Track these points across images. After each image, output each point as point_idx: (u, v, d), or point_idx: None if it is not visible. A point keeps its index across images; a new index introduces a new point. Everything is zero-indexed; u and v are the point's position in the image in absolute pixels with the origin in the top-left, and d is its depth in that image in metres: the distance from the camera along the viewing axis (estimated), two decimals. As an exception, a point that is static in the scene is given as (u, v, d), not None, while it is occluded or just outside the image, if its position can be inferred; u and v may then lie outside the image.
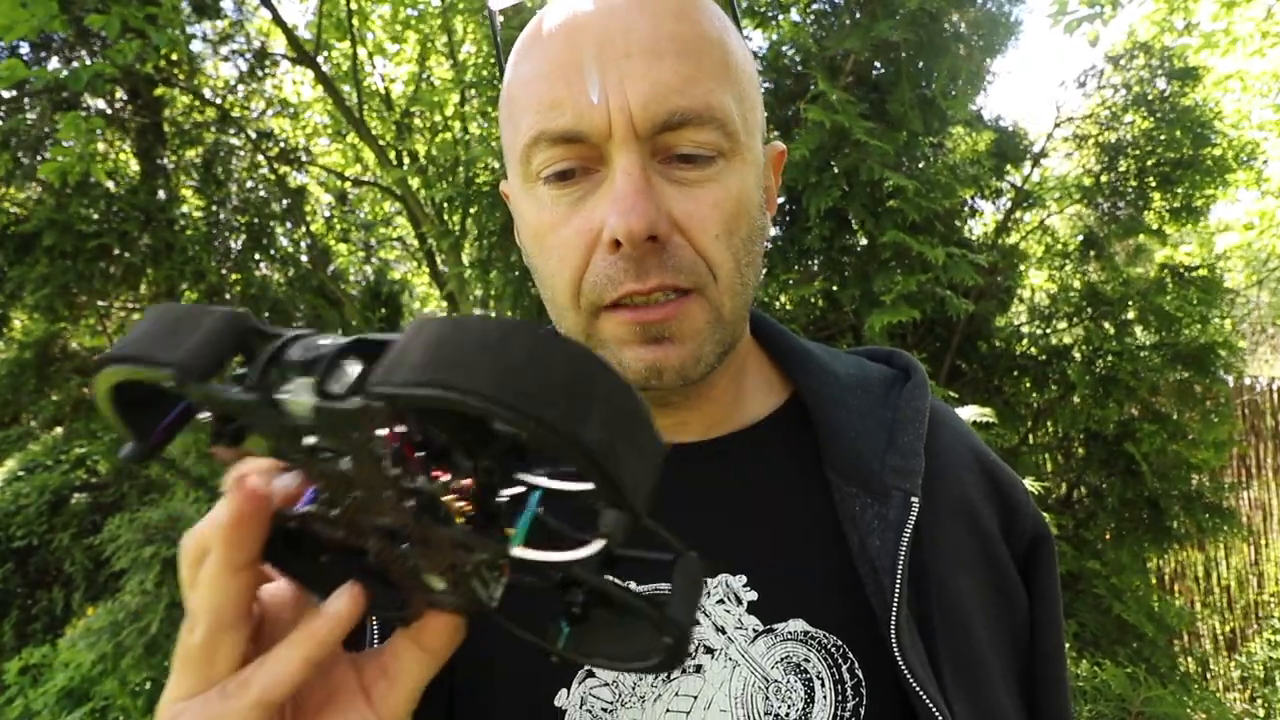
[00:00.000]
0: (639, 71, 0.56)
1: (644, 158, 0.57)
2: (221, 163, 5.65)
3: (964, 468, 0.71)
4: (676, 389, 0.61)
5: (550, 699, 0.59)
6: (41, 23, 2.80)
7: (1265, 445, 4.81)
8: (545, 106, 0.58)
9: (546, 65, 0.59)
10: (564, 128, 0.57)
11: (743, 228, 0.61)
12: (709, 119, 0.57)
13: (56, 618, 5.56)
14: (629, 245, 0.56)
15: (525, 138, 0.59)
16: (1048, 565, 0.72)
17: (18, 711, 4.56)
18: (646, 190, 0.56)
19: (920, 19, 2.82)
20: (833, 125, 2.67)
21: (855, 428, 0.68)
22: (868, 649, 0.61)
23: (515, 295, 3.56)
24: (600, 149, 0.57)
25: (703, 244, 0.58)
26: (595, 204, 0.58)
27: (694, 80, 0.57)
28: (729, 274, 0.60)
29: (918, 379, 0.73)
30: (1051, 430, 3.80)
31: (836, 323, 3.09)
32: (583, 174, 0.59)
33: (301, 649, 0.39)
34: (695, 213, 0.58)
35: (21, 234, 4.87)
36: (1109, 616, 3.20)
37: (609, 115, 0.56)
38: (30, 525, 5.68)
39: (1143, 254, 3.85)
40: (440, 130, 5.94)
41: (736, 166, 0.60)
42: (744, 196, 0.60)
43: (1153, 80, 3.52)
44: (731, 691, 0.60)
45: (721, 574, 0.63)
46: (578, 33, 0.58)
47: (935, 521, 0.66)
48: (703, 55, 0.59)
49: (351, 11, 5.43)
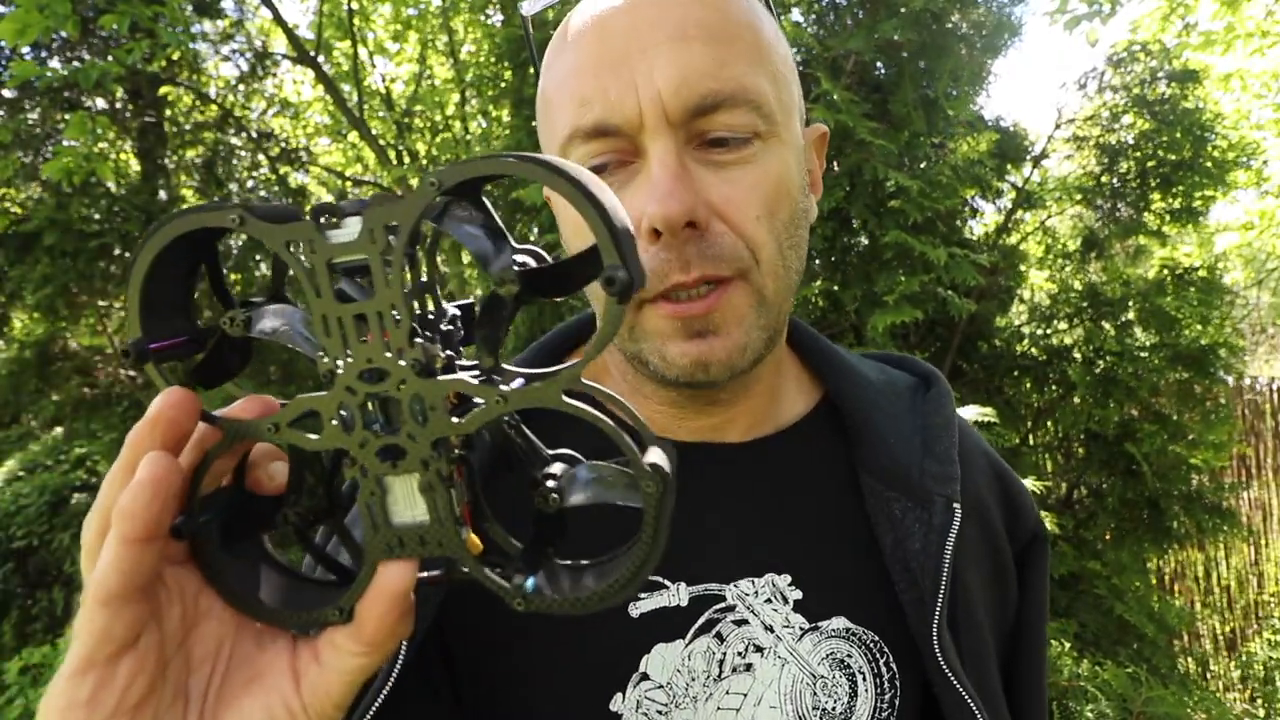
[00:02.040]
0: (667, 59, 0.56)
1: (678, 144, 0.57)
2: (222, 162, 5.66)
3: (979, 471, 0.73)
4: (724, 382, 0.61)
5: (606, 704, 0.59)
6: (57, 24, 2.81)
7: (1265, 445, 4.82)
8: (577, 103, 0.58)
9: (577, 63, 0.59)
10: (595, 121, 0.57)
11: (784, 209, 0.60)
12: (743, 100, 0.57)
13: (56, 618, 5.56)
14: (668, 232, 0.55)
15: (561, 136, 0.59)
16: (1041, 564, 0.74)
17: (18, 711, 4.56)
18: (683, 175, 0.56)
19: (923, 19, 2.83)
20: (836, 125, 2.67)
21: (892, 433, 0.69)
22: (900, 645, 0.64)
23: (517, 295, 3.56)
24: (634, 140, 0.57)
25: (743, 227, 0.58)
26: (632, 195, 0.57)
27: (724, 63, 0.57)
28: (771, 256, 0.59)
29: (942, 387, 0.74)
30: (1052, 430, 3.81)
31: (838, 323, 3.09)
32: (618, 167, 0.58)
33: (116, 528, 0.36)
34: (733, 196, 0.57)
35: (22, 234, 4.87)
36: (1110, 617, 3.21)
37: (640, 105, 0.56)
38: (30, 525, 5.68)
39: (1143, 255, 3.85)
40: (440, 130, 5.94)
41: (775, 147, 0.59)
42: (784, 177, 0.60)
43: (1153, 82, 3.52)
44: (781, 689, 0.61)
45: (768, 573, 0.64)
46: (606, 28, 0.58)
47: (964, 525, 0.67)
48: (733, 39, 0.58)
49: (352, 11, 5.43)
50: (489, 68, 4.21)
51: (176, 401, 0.38)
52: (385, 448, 0.37)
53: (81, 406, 5.87)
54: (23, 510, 5.73)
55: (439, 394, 0.37)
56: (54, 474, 5.95)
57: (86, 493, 5.89)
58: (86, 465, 6.07)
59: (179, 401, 0.38)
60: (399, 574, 0.38)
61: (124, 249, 5.19)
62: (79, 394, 5.84)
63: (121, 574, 0.36)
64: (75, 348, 6.09)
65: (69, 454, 6.07)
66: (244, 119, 5.79)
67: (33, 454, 6.20)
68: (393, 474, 0.38)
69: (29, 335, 5.91)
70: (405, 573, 0.38)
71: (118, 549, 0.36)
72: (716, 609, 0.61)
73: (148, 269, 0.38)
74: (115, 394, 5.88)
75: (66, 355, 6.01)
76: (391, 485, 0.38)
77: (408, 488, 0.38)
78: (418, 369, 0.36)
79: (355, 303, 0.36)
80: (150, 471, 0.36)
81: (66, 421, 6.05)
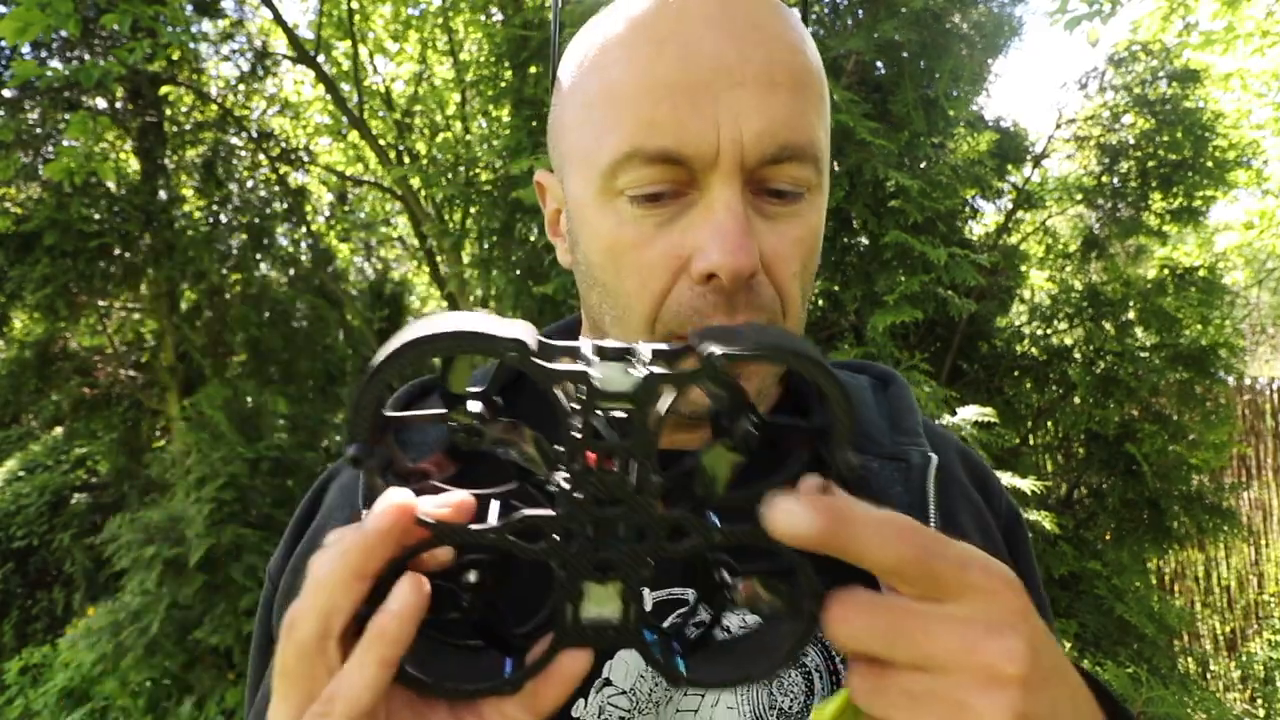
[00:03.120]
0: (754, 103, 0.54)
1: (744, 191, 0.56)
2: (222, 162, 5.65)
3: (946, 451, 0.74)
4: None
5: (568, 710, 0.59)
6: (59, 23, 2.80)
7: (1265, 445, 4.82)
8: (645, 123, 0.55)
9: (648, 79, 0.56)
10: (664, 148, 0.55)
11: (813, 263, 0.61)
12: (810, 156, 0.57)
13: (57, 618, 5.56)
14: (730, 284, 0.55)
15: (615, 152, 0.56)
16: (1026, 546, 0.75)
17: (18, 711, 4.56)
18: (749, 228, 0.55)
19: (923, 19, 2.83)
20: (836, 125, 2.67)
21: (860, 416, 0.70)
22: None
23: (516, 294, 3.56)
24: (697, 175, 0.56)
25: (782, 281, 0.58)
26: (685, 229, 0.56)
27: (802, 115, 0.56)
28: (797, 309, 0.60)
29: (901, 382, 0.77)
30: (1052, 430, 3.81)
31: (838, 323, 3.09)
32: (672, 197, 0.57)
33: (374, 650, 0.38)
34: (780, 250, 0.58)
35: (22, 234, 4.87)
36: (1110, 617, 3.21)
37: (718, 144, 0.54)
38: (30, 525, 5.68)
39: (1143, 255, 3.86)
40: (441, 130, 5.94)
41: (818, 200, 0.60)
42: (818, 232, 0.61)
43: (1153, 82, 3.52)
44: (738, 688, 0.61)
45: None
46: (688, 51, 0.55)
47: (951, 483, 0.69)
48: (809, 89, 0.58)
49: (352, 11, 5.43)
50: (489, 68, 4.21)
51: (405, 510, 0.39)
52: (600, 562, 0.41)
53: (81, 406, 5.87)
54: (23, 510, 5.74)
55: (663, 523, 0.40)
56: (54, 474, 5.95)
57: (87, 493, 5.90)
58: (86, 465, 6.08)
59: (407, 510, 0.39)
60: (582, 662, 0.42)
61: (124, 249, 5.19)
62: (79, 394, 5.84)
63: (375, 692, 0.38)
64: (75, 348, 6.09)
65: (69, 454, 6.08)
66: (244, 119, 5.79)
67: (33, 454, 6.21)
68: (597, 581, 0.41)
69: (29, 335, 5.90)
70: (587, 662, 0.42)
71: (377, 670, 0.38)
72: (679, 613, 0.61)
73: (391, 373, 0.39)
74: (115, 394, 5.88)
75: (66, 355, 6.01)
76: (590, 586, 0.41)
77: (607, 591, 0.41)
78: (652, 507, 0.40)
79: (606, 441, 0.39)
80: (411, 598, 0.38)
81: (66, 421, 6.05)
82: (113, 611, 4.11)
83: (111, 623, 4.05)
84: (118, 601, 4.19)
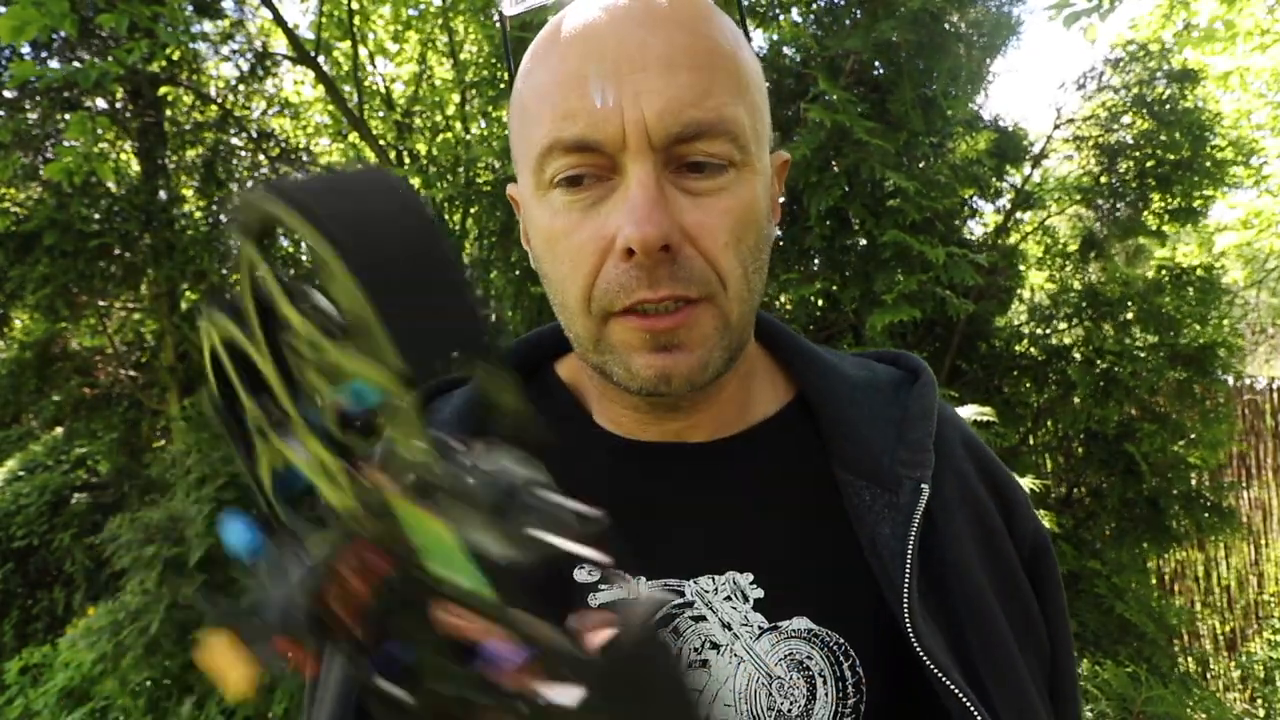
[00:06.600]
0: (654, 85, 0.57)
1: (657, 168, 0.58)
2: (222, 163, 5.65)
3: (963, 459, 0.72)
4: (685, 394, 0.62)
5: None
6: (55, 22, 2.80)
7: (1265, 445, 4.82)
8: (560, 115, 0.58)
9: (562, 75, 0.59)
10: (578, 136, 0.58)
11: (751, 236, 0.62)
12: (722, 131, 0.58)
13: (57, 618, 5.56)
14: (643, 255, 0.57)
15: (539, 146, 0.60)
16: (1055, 579, 0.73)
17: (18, 711, 4.56)
18: (660, 201, 0.57)
19: (921, 19, 2.83)
20: (834, 125, 2.67)
21: (865, 425, 0.69)
22: (872, 646, 0.62)
23: (515, 295, 3.56)
24: (614, 158, 0.58)
25: (713, 253, 0.59)
26: (608, 212, 0.59)
27: (708, 93, 0.58)
28: (737, 282, 0.61)
29: (926, 378, 0.74)
30: (1051, 430, 3.81)
31: (837, 322, 3.10)
32: (594, 181, 0.59)
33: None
34: (706, 222, 0.59)
35: (22, 234, 4.87)
36: (1110, 616, 3.21)
37: (623, 127, 0.57)
38: (30, 525, 5.68)
39: (1142, 255, 3.86)
40: (441, 130, 5.94)
41: (746, 176, 0.61)
42: (753, 205, 0.61)
43: (1152, 82, 3.52)
44: (736, 687, 0.61)
45: (729, 571, 0.63)
46: (593, 44, 0.59)
47: (947, 513, 0.66)
48: (716, 68, 0.59)
49: (352, 11, 5.43)
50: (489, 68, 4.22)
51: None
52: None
53: (81, 406, 5.87)
54: (23, 510, 5.74)
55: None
56: (54, 474, 5.95)
57: (87, 493, 5.90)
58: (86, 465, 6.07)
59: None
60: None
61: (124, 249, 5.19)
62: (79, 394, 5.84)
63: None
64: (75, 348, 6.09)
65: (69, 454, 6.07)
66: (244, 119, 5.79)
67: (33, 454, 6.21)
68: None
69: (29, 335, 5.91)
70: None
71: None
72: (675, 605, 0.62)
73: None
74: (115, 394, 5.88)
75: (66, 355, 6.01)
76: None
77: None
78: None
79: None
80: None
81: (66, 421, 6.06)
82: (113, 611, 4.11)
83: (111, 622, 4.05)
84: (118, 601, 4.19)
